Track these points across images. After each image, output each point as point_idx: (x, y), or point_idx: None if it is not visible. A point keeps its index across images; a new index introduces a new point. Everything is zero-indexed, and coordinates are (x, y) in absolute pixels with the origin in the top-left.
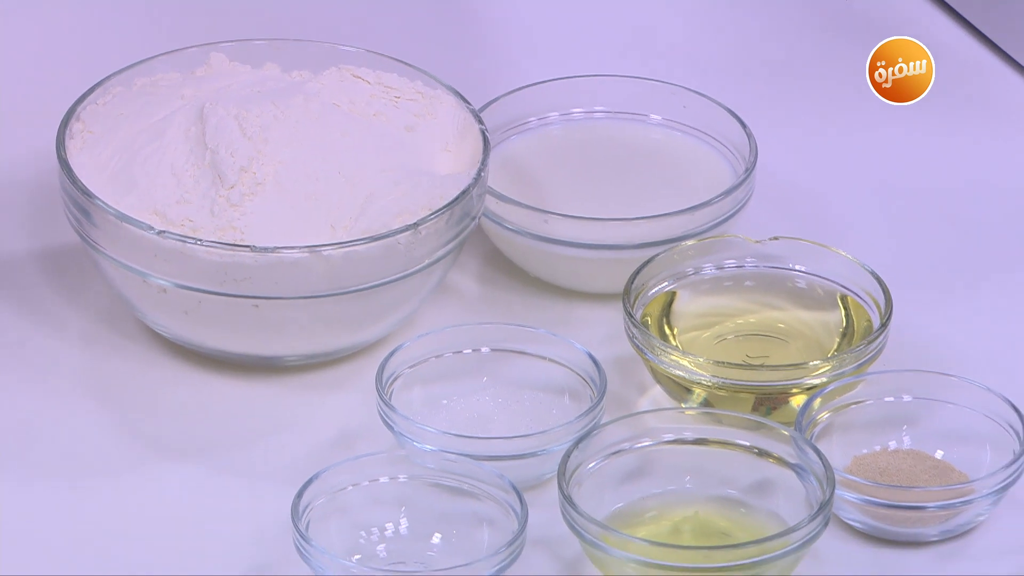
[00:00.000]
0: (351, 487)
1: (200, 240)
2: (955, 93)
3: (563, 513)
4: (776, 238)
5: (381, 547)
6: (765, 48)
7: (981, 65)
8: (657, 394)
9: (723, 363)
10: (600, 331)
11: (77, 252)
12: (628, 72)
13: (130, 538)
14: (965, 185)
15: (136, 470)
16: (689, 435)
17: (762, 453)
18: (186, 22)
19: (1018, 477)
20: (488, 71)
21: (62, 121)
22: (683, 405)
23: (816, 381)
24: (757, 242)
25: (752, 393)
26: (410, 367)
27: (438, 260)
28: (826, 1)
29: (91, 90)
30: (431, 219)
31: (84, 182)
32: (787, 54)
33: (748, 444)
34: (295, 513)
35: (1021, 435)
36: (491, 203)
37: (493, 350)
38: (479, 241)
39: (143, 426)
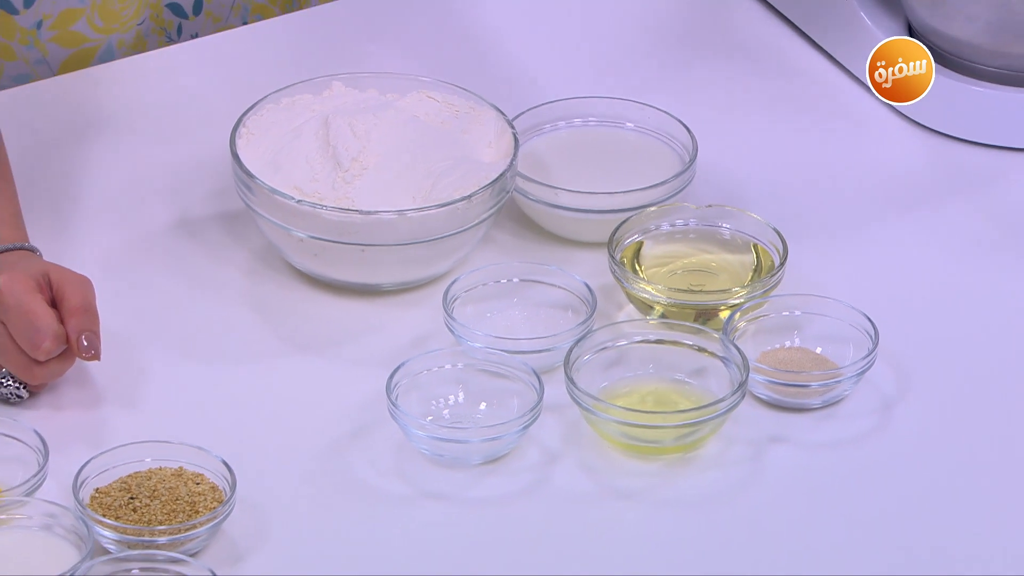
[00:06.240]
0: (425, 371)
1: (325, 206)
2: (824, 102)
3: (567, 389)
4: (710, 206)
5: (446, 412)
6: (707, 72)
7: (827, 76)
8: (630, 310)
9: (674, 289)
10: (592, 268)
11: (243, 213)
12: (612, 94)
13: (271, 406)
14: (838, 168)
15: (277, 359)
16: (652, 337)
17: (700, 349)
18: (316, 62)
19: (871, 366)
20: (518, 93)
21: (234, 126)
22: (648, 318)
23: (737, 301)
24: (697, 208)
25: (694, 309)
26: (465, 291)
27: (484, 220)
28: (730, 33)
29: (252, 106)
30: (479, 193)
31: (248, 166)
32: (721, 75)
33: (691, 343)
34: (388, 388)
35: (873, 337)
36: (520, 182)
37: (521, 280)
38: (511, 207)
39: (283, 329)
